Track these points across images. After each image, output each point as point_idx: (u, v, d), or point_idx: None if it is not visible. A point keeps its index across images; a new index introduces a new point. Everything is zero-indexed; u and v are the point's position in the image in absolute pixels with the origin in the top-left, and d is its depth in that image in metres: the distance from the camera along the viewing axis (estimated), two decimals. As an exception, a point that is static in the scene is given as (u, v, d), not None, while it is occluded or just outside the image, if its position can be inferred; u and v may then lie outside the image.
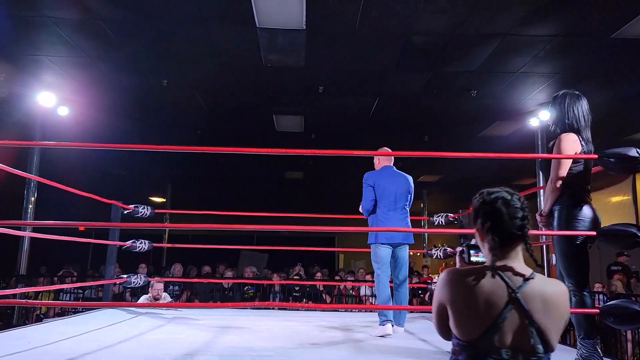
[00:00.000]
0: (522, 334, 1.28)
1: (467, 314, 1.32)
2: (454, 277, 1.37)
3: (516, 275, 1.34)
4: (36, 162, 7.21)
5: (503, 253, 1.38)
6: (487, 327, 1.28)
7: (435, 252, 5.28)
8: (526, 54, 5.70)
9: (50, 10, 4.93)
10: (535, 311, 1.29)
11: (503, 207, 1.40)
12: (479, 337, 1.29)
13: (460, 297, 1.34)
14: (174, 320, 4.47)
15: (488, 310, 1.29)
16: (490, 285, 1.32)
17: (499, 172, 11.17)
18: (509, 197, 1.42)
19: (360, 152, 3.47)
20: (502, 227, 1.38)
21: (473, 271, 1.37)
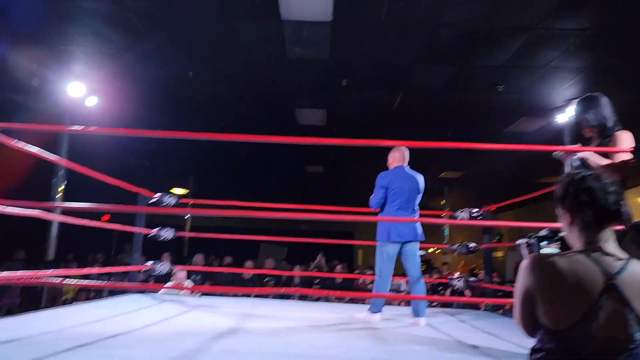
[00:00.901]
0: (619, 322, 1.21)
1: (560, 301, 1.25)
2: (542, 263, 1.30)
3: (612, 260, 1.28)
4: (65, 150, 7.37)
5: (596, 234, 1.32)
6: (582, 316, 1.22)
7: (458, 247, 5.25)
8: (555, 48, 5.60)
9: (85, 2, 5.02)
10: (634, 298, 1.22)
11: (595, 183, 1.34)
12: (572, 325, 1.23)
13: (551, 283, 1.27)
14: (197, 308, 4.54)
15: (583, 297, 1.23)
16: (584, 270, 1.26)
17: (522, 170, 11.01)
18: (598, 173, 1.38)
19: (380, 142, 3.50)
20: (597, 202, 1.32)
21: (563, 256, 1.30)
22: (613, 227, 1.35)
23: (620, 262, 1.27)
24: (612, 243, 1.33)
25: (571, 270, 1.26)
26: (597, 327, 1.21)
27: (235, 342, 2.92)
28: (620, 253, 1.31)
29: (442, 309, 5.54)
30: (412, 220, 4.08)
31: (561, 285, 1.25)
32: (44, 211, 3.84)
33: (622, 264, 1.27)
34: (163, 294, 5.48)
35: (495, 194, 14.42)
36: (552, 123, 7.82)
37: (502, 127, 8.45)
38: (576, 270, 1.26)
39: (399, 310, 5.40)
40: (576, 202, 1.35)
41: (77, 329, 3.05)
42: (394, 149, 4.33)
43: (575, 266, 1.26)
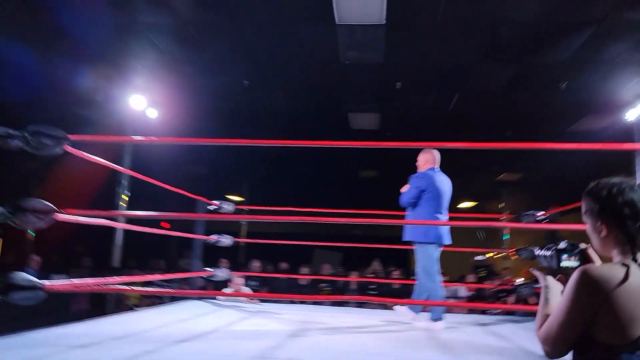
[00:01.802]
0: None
1: (628, 313, 1.20)
2: (600, 277, 1.23)
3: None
4: (128, 160, 7.66)
5: (635, 244, 1.29)
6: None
7: (524, 252, 5.03)
8: (624, 41, 5.28)
9: (144, 16, 5.22)
10: None
11: (635, 195, 1.31)
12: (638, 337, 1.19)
13: (618, 296, 1.21)
14: (257, 314, 4.57)
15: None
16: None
17: (588, 170, 10.38)
18: (633, 183, 1.34)
19: (434, 144, 3.42)
20: (638, 215, 1.28)
21: (615, 269, 1.25)
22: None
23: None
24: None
25: (635, 281, 1.22)
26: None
27: (298, 350, 2.91)
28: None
29: (507, 316, 5.32)
30: (447, 223, 4.16)
31: (629, 297, 1.20)
32: (110, 220, 4.00)
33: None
34: (222, 300, 5.57)
35: (557, 196, 13.82)
36: (620, 120, 7.38)
37: (565, 127, 8.07)
38: (632, 281, 1.22)
39: (459, 318, 5.23)
40: (618, 215, 1.31)
41: (142, 335, 3.13)
42: (425, 151, 4.29)
43: (633, 277, 1.22)
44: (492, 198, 14.45)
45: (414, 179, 4.19)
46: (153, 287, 8.13)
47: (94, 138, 3.31)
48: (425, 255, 4.05)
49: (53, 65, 6.46)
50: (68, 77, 6.77)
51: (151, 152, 9.33)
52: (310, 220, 3.41)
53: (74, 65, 6.51)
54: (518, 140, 8.51)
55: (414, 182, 4.17)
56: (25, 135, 2.68)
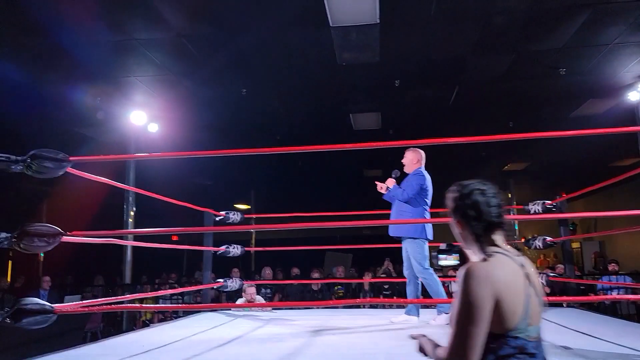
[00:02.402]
0: (537, 308, 1.32)
1: (511, 302, 1.27)
2: (488, 271, 1.29)
3: (517, 255, 1.38)
4: (132, 176, 7.68)
5: (489, 238, 1.41)
6: (524, 309, 1.28)
7: (534, 242, 4.99)
8: (621, 23, 5.24)
9: (139, 33, 5.25)
10: (536, 284, 1.35)
11: (480, 197, 1.44)
12: (519, 321, 1.28)
13: (504, 286, 1.27)
14: (271, 322, 4.55)
15: (521, 293, 1.30)
16: (513, 269, 1.33)
17: (594, 154, 10.39)
18: (484, 187, 1.47)
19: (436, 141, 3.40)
20: (482, 216, 1.42)
21: (492, 260, 1.33)
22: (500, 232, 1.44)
23: (519, 256, 1.39)
24: (503, 240, 1.43)
25: (510, 270, 1.32)
26: (531, 318, 1.29)
27: (313, 356, 2.89)
28: (512, 249, 1.41)
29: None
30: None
31: (509, 286, 1.28)
32: (117, 238, 4.00)
33: (522, 257, 1.39)
34: (236, 310, 5.55)
35: (564, 183, 13.75)
36: (623, 102, 7.33)
37: (567, 112, 8.02)
38: (512, 270, 1.32)
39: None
40: (465, 215, 1.44)
41: (161, 350, 3.12)
42: (414, 150, 4.34)
43: (509, 266, 1.32)
44: (499, 188, 14.36)
45: (416, 176, 4.23)
46: (165, 302, 8.16)
47: (96, 158, 3.30)
48: (420, 251, 4.13)
49: (53, 85, 6.51)
50: (68, 97, 6.82)
51: (155, 166, 9.36)
52: (318, 225, 3.40)
53: (75, 85, 6.56)
54: (521, 128, 8.56)
55: (416, 180, 4.21)
56: (26, 159, 2.69)
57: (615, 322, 4.20)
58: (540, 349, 1.32)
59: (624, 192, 12.59)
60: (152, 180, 9.45)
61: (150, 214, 10.43)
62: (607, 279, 7.30)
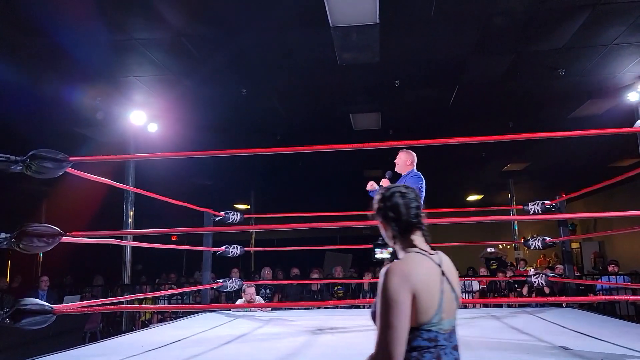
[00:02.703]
0: (451, 302, 1.44)
1: (426, 297, 1.37)
2: (405, 269, 1.40)
3: (434, 254, 1.50)
4: (132, 176, 7.67)
5: (408, 238, 1.52)
6: (438, 304, 1.39)
7: (533, 242, 5.00)
8: (620, 23, 5.23)
9: (139, 33, 5.24)
10: (452, 281, 1.47)
11: (400, 199, 1.55)
12: (433, 316, 1.38)
13: (420, 283, 1.37)
14: (270, 322, 4.56)
15: (436, 289, 1.40)
16: (428, 266, 1.44)
17: (594, 155, 10.39)
18: (404, 190, 1.59)
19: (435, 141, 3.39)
20: (401, 217, 1.53)
21: (410, 259, 1.45)
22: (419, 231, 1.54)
23: (437, 254, 1.50)
24: (422, 240, 1.53)
25: (424, 268, 1.42)
26: (444, 311, 1.40)
27: (314, 356, 2.89)
28: (429, 248, 1.52)
29: (522, 308, 5.29)
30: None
31: (424, 283, 1.39)
32: (116, 239, 4.00)
33: (439, 256, 1.50)
34: (235, 310, 5.56)
35: (564, 183, 13.75)
36: (622, 103, 7.33)
37: (567, 113, 8.01)
38: (425, 267, 1.43)
39: (473, 312, 5.21)
40: (386, 217, 1.56)
41: (160, 350, 3.13)
42: (406, 151, 4.32)
43: (423, 264, 1.44)
44: (499, 189, 14.39)
45: (415, 178, 4.21)
46: (164, 302, 8.16)
47: (95, 158, 3.31)
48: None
49: (53, 85, 6.51)
50: (68, 97, 6.82)
51: (155, 166, 9.36)
52: (318, 226, 3.40)
53: (74, 85, 6.56)
54: (521, 129, 8.56)
55: (416, 182, 4.19)
56: (26, 159, 2.69)
57: (614, 323, 4.21)
58: (451, 340, 1.43)
59: (624, 193, 12.60)
60: (152, 180, 9.46)
61: (149, 214, 10.44)
62: (606, 279, 7.30)
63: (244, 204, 15.57)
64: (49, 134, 8.10)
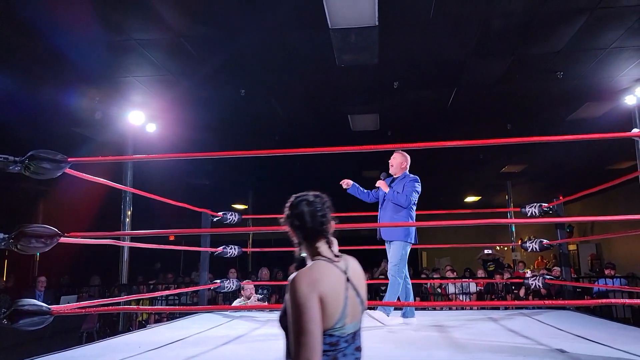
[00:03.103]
0: (356, 307, 1.49)
1: (332, 303, 1.42)
2: (312, 277, 1.44)
3: (339, 260, 1.54)
4: (130, 177, 7.67)
5: (315, 245, 1.56)
6: (342, 310, 1.44)
7: (531, 244, 5.00)
8: (618, 27, 5.26)
9: (138, 34, 5.24)
10: (358, 285, 1.52)
11: (306, 208, 1.59)
12: (337, 321, 1.43)
13: (325, 290, 1.42)
14: (268, 323, 4.56)
15: (341, 295, 1.45)
16: (334, 274, 1.48)
17: (591, 157, 10.42)
18: (312, 198, 1.62)
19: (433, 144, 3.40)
20: (305, 225, 1.57)
21: (316, 267, 1.49)
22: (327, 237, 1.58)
23: (343, 261, 1.55)
24: (327, 248, 1.57)
25: (328, 275, 1.46)
26: (349, 316, 1.45)
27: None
28: (337, 254, 1.57)
29: (518, 310, 5.29)
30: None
31: (330, 290, 1.43)
32: (114, 239, 4.00)
33: (345, 262, 1.55)
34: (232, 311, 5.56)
35: (561, 185, 13.79)
36: (620, 106, 7.37)
37: (565, 115, 8.04)
38: (331, 274, 1.47)
39: (470, 314, 5.21)
40: (292, 224, 1.60)
41: (157, 352, 3.12)
42: (402, 153, 4.36)
43: (328, 272, 1.47)
44: (497, 190, 14.42)
45: (413, 182, 4.24)
46: (162, 303, 8.15)
47: (94, 159, 3.31)
48: (403, 254, 4.15)
49: (52, 85, 6.50)
50: (67, 97, 6.82)
51: (153, 166, 9.36)
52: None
53: (73, 85, 6.55)
54: (519, 131, 8.58)
55: (414, 185, 4.22)
56: (24, 160, 2.69)
57: (611, 325, 4.22)
58: (354, 342, 1.49)
59: (621, 195, 12.64)
60: (150, 180, 9.46)
61: (147, 214, 10.42)
62: (603, 281, 7.33)
63: (242, 204, 15.57)
64: (48, 134, 8.10)
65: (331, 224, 1.61)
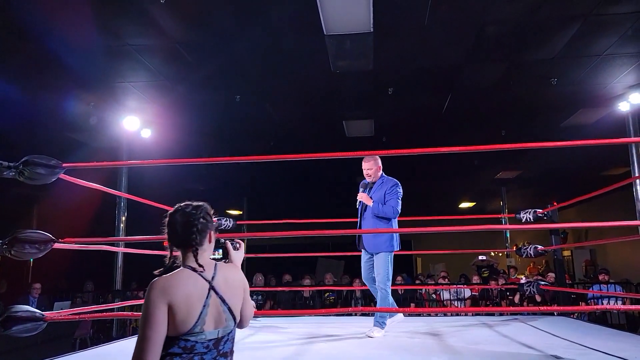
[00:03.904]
0: (220, 314, 1.57)
1: (185, 310, 1.50)
2: (165, 284, 1.53)
3: (207, 270, 1.60)
4: (125, 182, 7.64)
5: (187, 253, 1.63)
6: (198, 317, 1.51)
7: (525, 250, 5.02)
8: (611, 35, 5.30)
9: (133, 39, 5.23)
10: (225, 294, 1.60)
11: (179, 218, 1.67)
12: (193, 326, 1.51)
13: (179, 297, 1.50)
14: (262, 329, 4.55)
15: (198, 303, 1.53)
16: (193, 282, 1.56)
17: (586, 163, 10.46)
18: (189, 209, 1.68)
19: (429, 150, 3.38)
20: (174, 234, 1.65)
21: (175, 275, 1.57)
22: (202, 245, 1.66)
23: (213, 270, 1.62)
24: (204, 257, 1.65)
25: (183, 282, 1.54)
26: (206, 323, 1.53)
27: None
28: (210, 263, 1.64)
29: (513, 315, 5.30)
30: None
31: (184, 297, 1.51)
32: (108, 245, 3.98)
33: (214, 271, 1.62)
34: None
35: (556, 190, 13.83)
36: (613, 112, 7.41)
37: (559, 121, 8.08)
38: (186, 282, 1.55)
39: (465, 320, 5.21)
40: (165, 232, 1.69)
41: None
42: (373, 158, 4.14)
43: (186, 280, 1.55)
44: (492, 196, 14.45)
45: (396, 187, 4.05)
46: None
47: (88, 165, 3.29)
48: (390, 263, 3.99)
49: (47, 90, 6.48)
50: (61, 102, 6.80)
51: (148, 171, 9.33)
52: (310, 234, 3.40)
53: (68, 90, 6.53)
54: (513, 136, 8.62)
55: (398, 192, 4.04)
56: (19, 165, 2.68)
57: (606, 332, 4.23)
58: (217, 348, 1.56)
59: (616, 201, 12.68)
60: (145, 185, 9.42)
61: (142, 218, 10.37)
62: (597, 287, 7.34)
63: (237, 209, 15.54)
64: (42, 138, 8.06)
65: (208, 235, 1.67)
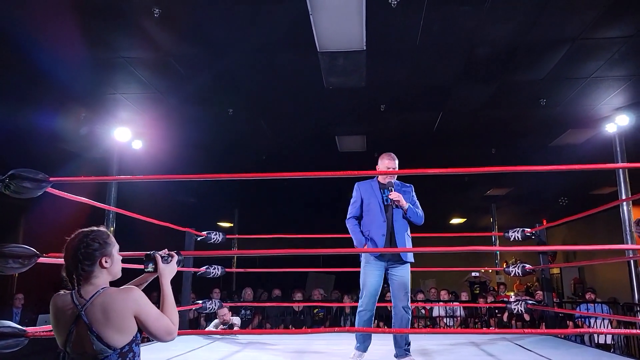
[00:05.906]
0: (85, 341, 1.63)
1: (57, 327, 1.69)
2: (52, 301, 1.72)
3: (85, 295, 1.67)
4: (114, 194, 7.59)
5: (71, 278, 1.71)
6: (64, 339, 1.66)
7: (513, 269, 5.04)
8: (599, 58, 5.40)
9: (126, 51, 5.25)
10: (95, 322, 1.63)
11: (68, 246, 1.75)
12: (63, 345, 1.67)
13: (53, 314, 1.70)
14: (249, 346, 4.51)
15: (65, 325, 1.66)
16: (67, 305, 1.67)
17: (574, 182, 10.57)
18: (78, 237, 1.76)
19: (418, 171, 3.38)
20: (67, 259, 1.73)
21: (61, 296, 1.71)
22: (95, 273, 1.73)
23: (89, 297, 1.67)
24: (92, 282, 1.71)
25: (61, 305, 1.69)
26: (72, 347, 1.65)
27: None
28: (93, 290, 1.69)
29: (501, 335, 5.30)
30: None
31: (57, 316, 1.69)
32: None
33: (90, 299, 1.66)
34: (213, 331, 5.49)
35: (545, 208, 13.94)
36: (601, 133, 7.51)
37: (548, 141, 8.17)
38: (62, 306, 1.68)
39: (452, 338, 5.20)
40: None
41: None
42: (390, 156, 4.05)
43: (62, 303, 1.69)
44: (482, 213, 14.52)
45: (411, 190, 3.93)
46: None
47: (76, 179, 3.28)
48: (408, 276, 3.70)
49: (38, 102, 6.46)
50: (52, 113, 6.78)
51: (137, 183, 9.28)
52: (301, 252, 3.39)
53: (59, 101, 6.51)
54: (503, 155, 8.69)
55: (411, 194, 3.93)
56: (5, 179, 2.66)
57: (592, 352, 4.24)
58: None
59: (604, 220, 12.79)
60: (135, 197, 9.36)
61: (130, 230, 10.29)
62: (584, 306, 7.37)
63: (228, 222, 15.47)
64: (32, 149, 8.01)
65: (97, 261, 1.73)
